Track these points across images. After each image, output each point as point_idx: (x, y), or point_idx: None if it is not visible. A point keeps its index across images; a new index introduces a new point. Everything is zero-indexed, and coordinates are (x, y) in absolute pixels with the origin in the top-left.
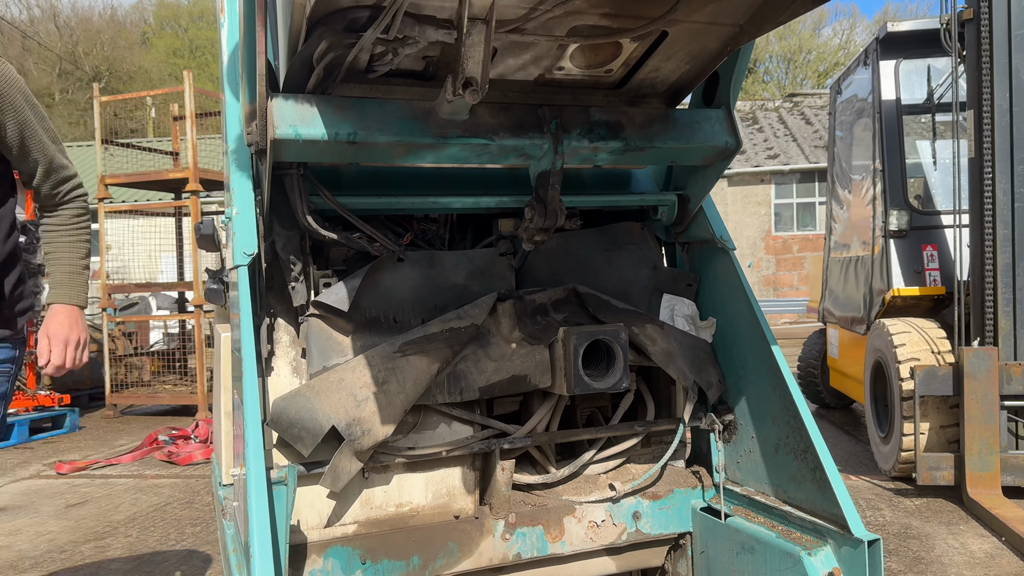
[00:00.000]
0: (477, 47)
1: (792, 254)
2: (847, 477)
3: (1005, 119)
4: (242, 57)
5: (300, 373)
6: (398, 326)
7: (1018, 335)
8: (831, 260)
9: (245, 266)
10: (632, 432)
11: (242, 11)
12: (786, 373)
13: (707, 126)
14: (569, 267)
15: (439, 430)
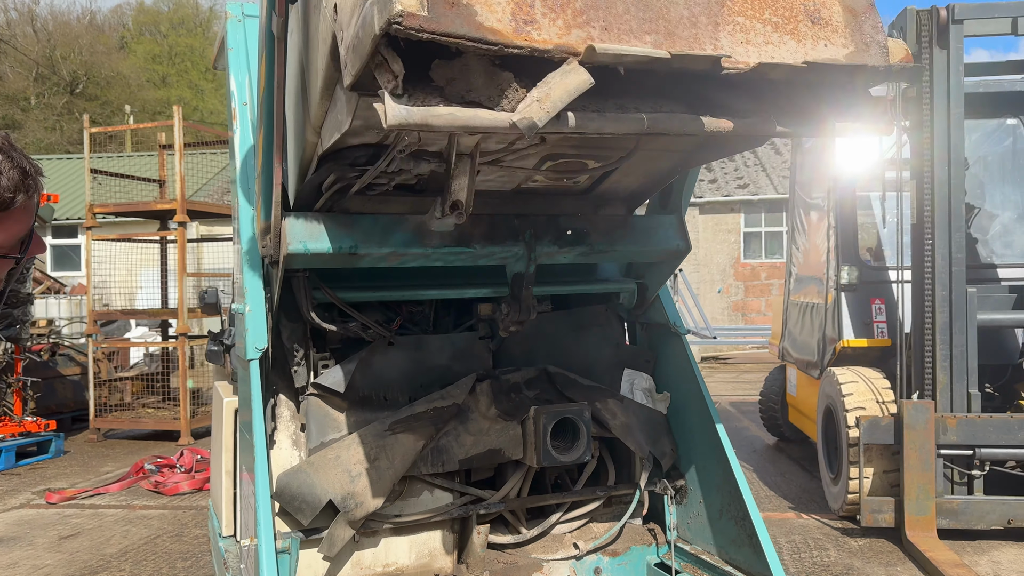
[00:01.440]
0: (463, 176)
1: (760, 281)
2: (798, 515)
3: (944, 190)
4: (259, 185)
5: (299, 446)
6: (388, 404)
7: (954, 389)
8: (790, 302)
9: (256, 360)
10: (594, 496)
11: (261, 145)
12: (727, 449)
13: (661, 231)
14: (541, 346)
15: (422, 497)
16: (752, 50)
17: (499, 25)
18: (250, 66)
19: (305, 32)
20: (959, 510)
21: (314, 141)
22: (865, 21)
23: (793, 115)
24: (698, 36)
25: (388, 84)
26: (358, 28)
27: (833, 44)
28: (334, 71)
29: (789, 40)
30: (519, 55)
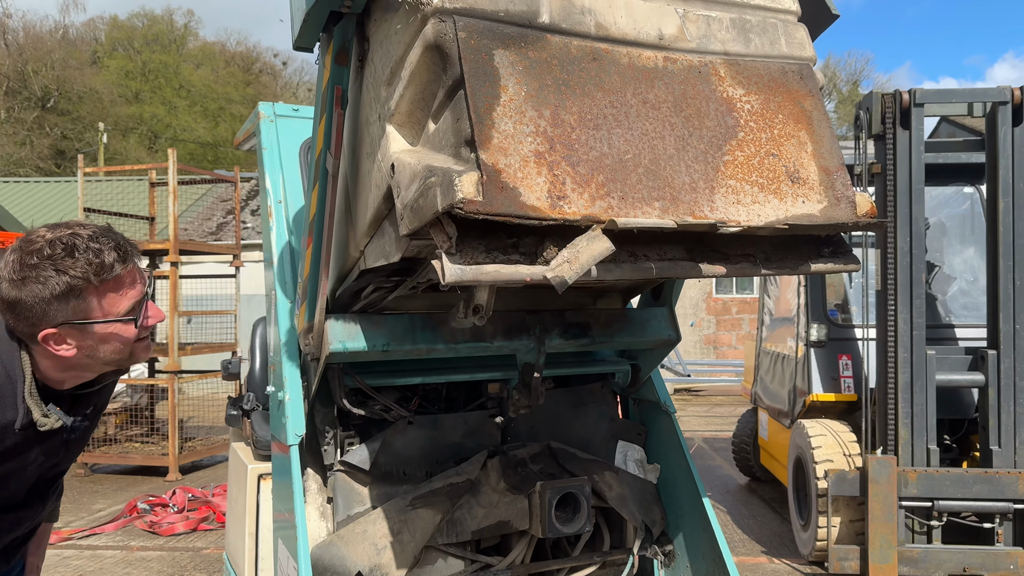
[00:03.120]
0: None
1: (731, 315)
2: (770, 560)
3: (906, 259)
4: (303, 289)
5: (327, 518)
6: (408, 478)
7: (915, 444)
8: (762, 349)
9: (296, 445)
10: (591, 561)
11: (309, 258)
12: (712, 519)
13: (654, 322)
14: (545, 421)
15: (437, 564)
16: (742, 209)
17: (538, 203)
18: (283, 166)
19: (354, 167)
20: (919, 558)
21: (356, 256)
22: (837, 179)
23: (776, 258)
24: (697, 200)
25: (444, 244)
26: (418, 196)
27: (809, 200)
28: (385, 211)
29: (773, 199)
30: (554, 225)
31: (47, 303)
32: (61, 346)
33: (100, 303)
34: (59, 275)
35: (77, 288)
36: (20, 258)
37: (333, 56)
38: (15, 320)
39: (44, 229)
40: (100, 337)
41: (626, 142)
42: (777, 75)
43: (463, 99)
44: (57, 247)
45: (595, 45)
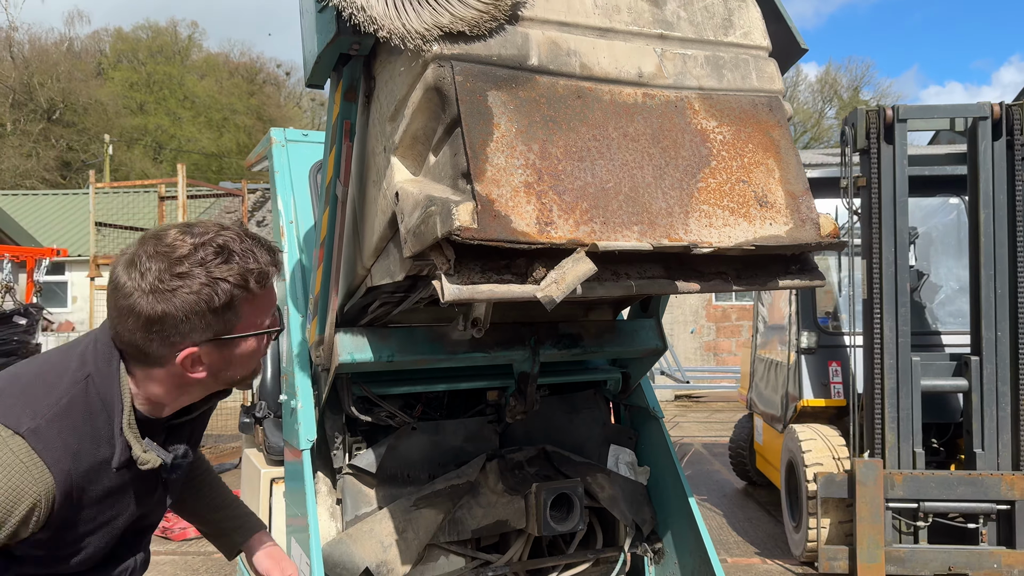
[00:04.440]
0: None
1: (731, 322)
2: (763, 561)
3: (891, 269)
4: (314, 304)
5: (336, 518)
6: (412, 480)
7: (901, 448)
8: (757, 356)
9: (308, 450)
10: (585, 558)
11: (320, 276)
12: (698, 518)
13: (643, 333)
14: (540, 426)
15: (439, 562)
16: (714, 232)
17: (527, 228)
18: (294, 188)
19: (362, 193)
20: (906, 558)
21: (363, 274)
22: (802, 203)
23: (746, 276)
24: (673, 223)
25: (443, 266)
26: (420, 223)
27: (776, 223)
28: (390, 234)
29: (743, 222)
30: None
31: (200, 316)
32: (199, 369)
33: (249, 314)
34: (217, 283)
35: (236, 298)
36: (166, 266)
37: (342, 93)
38: (149, 340)
39: (179, 231)
40: (239, 354)
41: (608, 172)
42: (748, 107)
43: (460, 136)
44: (209, 250)
45: (580, 84)
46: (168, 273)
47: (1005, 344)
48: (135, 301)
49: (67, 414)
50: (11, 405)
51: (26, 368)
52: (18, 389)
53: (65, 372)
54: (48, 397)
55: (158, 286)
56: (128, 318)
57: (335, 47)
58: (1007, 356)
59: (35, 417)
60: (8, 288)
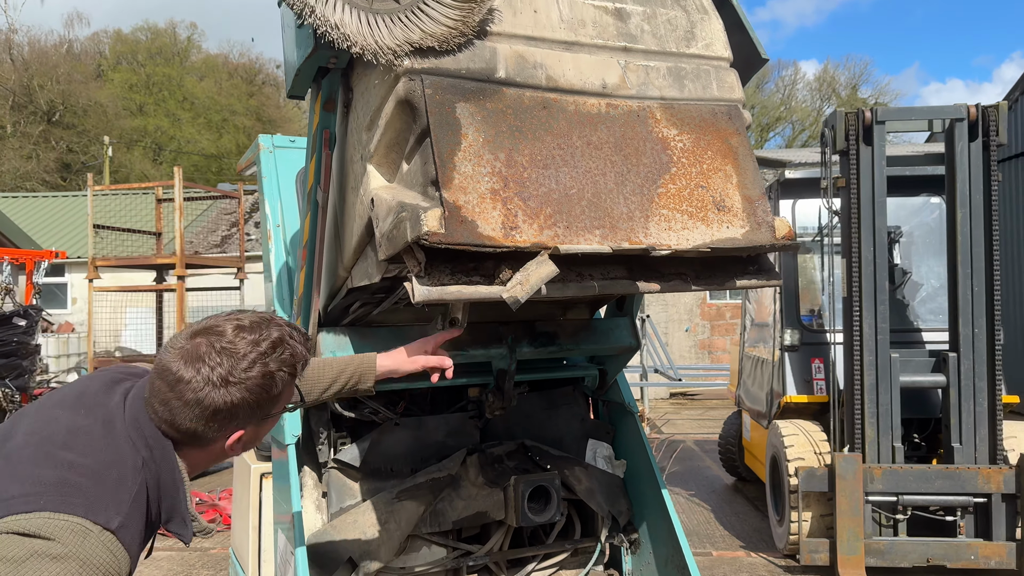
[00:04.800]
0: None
1: (725, 320)
2: (748, 554)
3: (870, 268)
4: (298, 305)
5: (322, 511)
6: (395, 474)
7: (880, 442)
8: (745, 354)
9: (293, 444)
10: (563, 548)
11: (303, 278)
12: (671, 508)
13: (617, 332)
14: (520, 422)
15: (422, 552)
16: (673, 235)
17: (493, 233)
18: (281, 193)
19: (341, 198)
20: (885, 550)
21: (344, 276)
22: (758, 207)
23: (705, 276)
24: (633, 227)
25: (414, 268)
26: (393, 227)
27: (733, 226)
28: (367, 238)
29: (700, 225)
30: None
31: (260, 405)
32: (239, 445)
33: (288, 395)
34: (274, 375)
35: (283, 387)
36: (235, 362)
37: (322, 104)
38: (209, 427)
39: (234, 328)
40: (268, 426)
41: (571, 179)
42: (708, 116)
43: (430, 146)
44: (264, 344)
45: (545, 95)
46: (237, 368)
47: (982, 340)
48: (207, 394)
49: (139, 500)
50: (95, 501)
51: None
52: (90, 484)
53: (124, 460)
54: (123, 489)
55: (230, 379)
56: (194, 408)
57: (314, 61)
58: (984, 352)
59: (119, 513)
60: (8, 290)
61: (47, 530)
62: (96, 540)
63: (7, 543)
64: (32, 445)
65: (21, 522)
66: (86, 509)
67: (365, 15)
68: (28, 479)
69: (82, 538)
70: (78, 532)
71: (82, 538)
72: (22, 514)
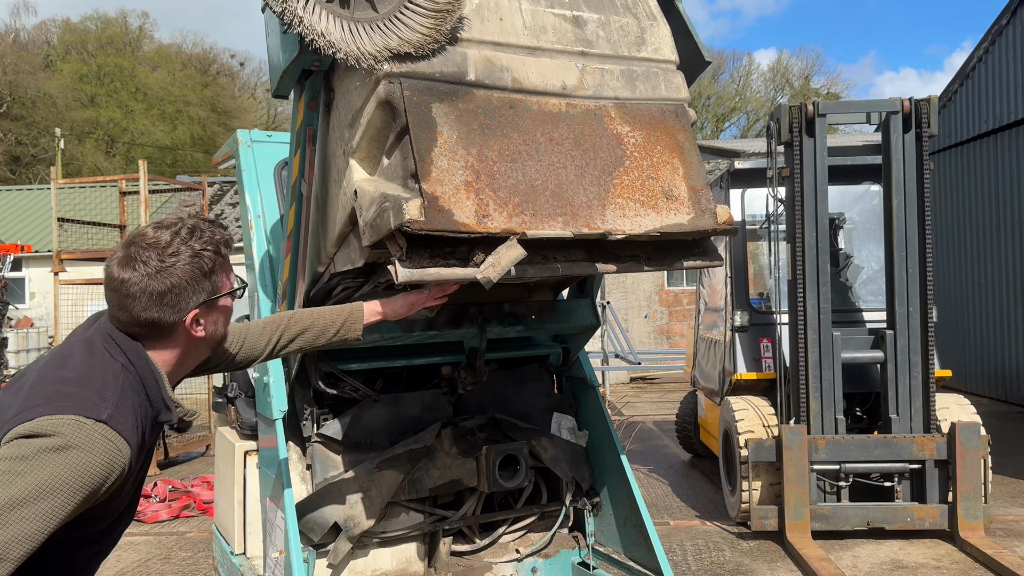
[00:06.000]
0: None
1: (683, 306)
2: (703, 522)
3: (813, 252)
4: (283, 290)
5: (307, 482)
6: (374, 447)
7: (824, 415)
8: (699, 336)
9: (280, 419)
10: (531, 512)
11: (288, 265)
12: (629, 474)
13: (579, 312)
14: (490, 397)
15: (400, 517)
16: (627, 221)
17: (467, 220)
18: (260, 185)
19: (324, 191)
20: (829, 515)
21: (327, 262)
22: (702, 196)
23: (656, 258)
24: (592, 215)
25: (397, 253)
26: (376, 216)
27: (680, 213)
28: (350, 227)
29: (651, 212)
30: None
31: (197, 281)
32: (199, 327)
33: (223, 277)
34: (200, 254)
35: (216, 263)
36: (157, 252)
37: (305, 103)
38: (163, 311)
39: (154, 228)
40: (220, 311)
41: (536, 172)
42: (657, 114)
43: (409, 143)
44: (183, 231)
45: (512, 96)
46: (165, 254)
47: (916, 319)
48: (148, 283)
49: (126, 397)
50: (84, 400)
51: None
52: (77, 389)
53: (106, 367)
54: (108, 389)
55: (161, 267)
56: (142, 298)
57: (298, 64)
58: (918, 329)
59: (107, 407)
60: None
61: (47, 428)
62: (91, 429)
63: (16, 447)
64: (35, 376)
65: (24, 428)
66: (76, 408)
67: (348, 23)
68: (28, 397)
69: (78, 429)
70: (74, 425)
71: (78, 429)
72: (24, 423)
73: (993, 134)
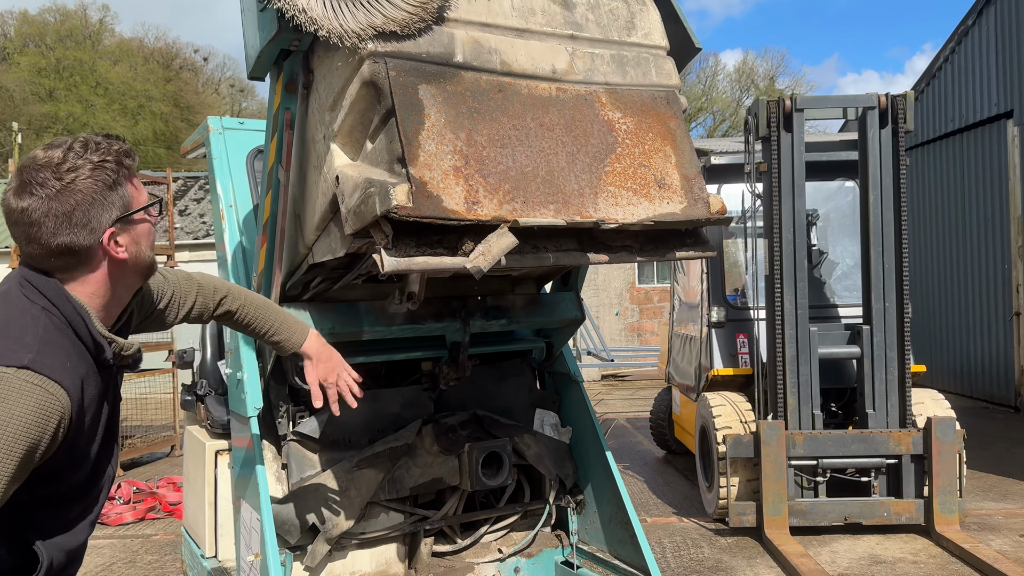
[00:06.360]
0: (416, 276)
1: (653, 304)
2: (680, 519)
3: (790, 247)
4: (258, 282)
5: (282, 482)
6: (352, 445)
7: (801, 410)
8: (674, 333)
9: (256, 417)
10: (514, 511)
11: (263, 255)
12: (615, 471)
13: (563, 305)
14: (471, 393)
15: (380, 518)
16: (619, 210)
17: (457, 207)
18: (232, 173)
19: (302, 177)
20: (806, 511)
21: (304, 253)
22: (695, 184)
23: (648, 248)
24: (584, 203)
25: (382, 241)
26: (360, 203)
27: (673, 202)
28: (331, 214)
29: (644, 201)
30: (470, 224)
31: (104, 195)
32: (119, 248)
33: (133, 192)
34: (101, 166)
35: (120, 174)
36: (52, 171)
37: (283, 85)
38: (74, 234)
39: (43, 149)
40: (140, 232)
41: (527, 157)
42: (648, 100)
43: (395, 125)
44: (75, 146)
45: (500, 79)
46: (60, 171)
47: (892, 314)
48: (50, 207)
49: (50, 339)
50: (1, 351)
51: None
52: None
53: (24, 312)
54: (27, 333)
55: (60, 186)
56: (49, 222)
57: (276, 43)
58: (894, 325)
59: (29, 351)
60: None
61: None
62: (13, 378)
63: None
64: None
65: None
66: None
67: (330, 0)
68: None
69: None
70: None
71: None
72: None
73: (959, 133)
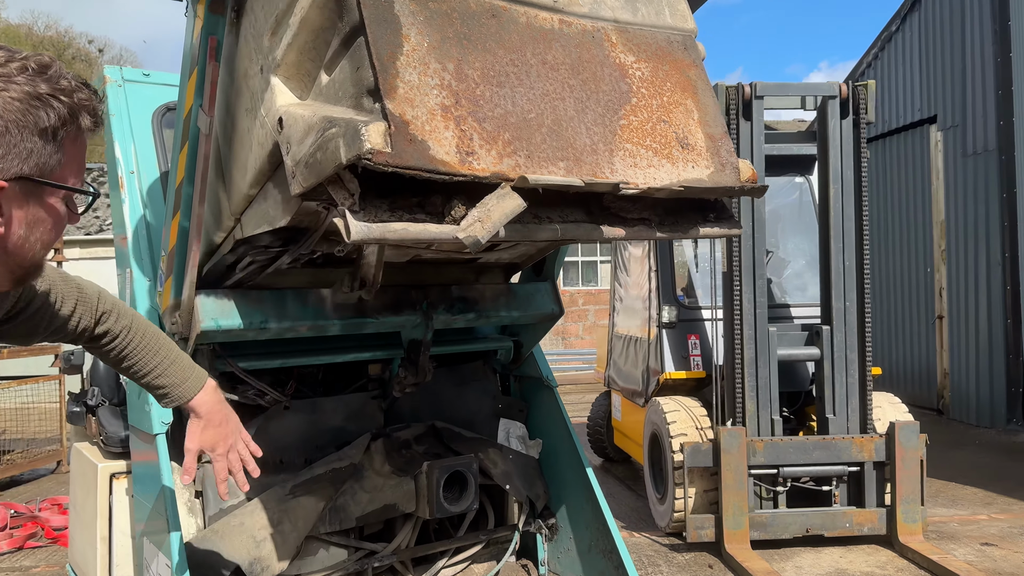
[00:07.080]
0: (372, 257)
1: (578, 307)
2: (630, 534)
3: (749, 244)
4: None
5: (196, 513)
6: (286, 467)
7: (760, 415)
8: (614, 335)
9: (164, 434)
10: (476, 540)
11: (175, 229)
12: (596, 489)
13: (538, 297)
14: (428, 401)
15: (319, 555)
16: (639, 172)
17: (447, 157)
18: (134, 134)
19: (229, 125)
20: (767, 523)
21: (230, 225)
22: (722, 146)
23: (668, 223)
24: (598, 161)
25: (346, 201)
26: (315, 150)
27: (698, 165)
28: (269, 171)
29: (666, 163)
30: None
31: (23, 132)
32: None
33: (70, 162)
34: (45, 99)
35: (63, 131)
36: None
37: (207, 4)
38: None
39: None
40: (46, 213)
41: (529, 101)
42: (664, 44)
43: (364, 46)
44: (31, 63)
45: (494, 2)
46: None
47: (853, 314)
48: None
49: None
50: None
51: None
52: None
53: None
54: None
55: None
56: None
57: None
58: (855, 325)
59: None
60: None
61: None
62: None
63: None
64: None
65: None
66: None
67: None
68: None
69: None
70: None
71: None
72: None
73: (883, 138)
